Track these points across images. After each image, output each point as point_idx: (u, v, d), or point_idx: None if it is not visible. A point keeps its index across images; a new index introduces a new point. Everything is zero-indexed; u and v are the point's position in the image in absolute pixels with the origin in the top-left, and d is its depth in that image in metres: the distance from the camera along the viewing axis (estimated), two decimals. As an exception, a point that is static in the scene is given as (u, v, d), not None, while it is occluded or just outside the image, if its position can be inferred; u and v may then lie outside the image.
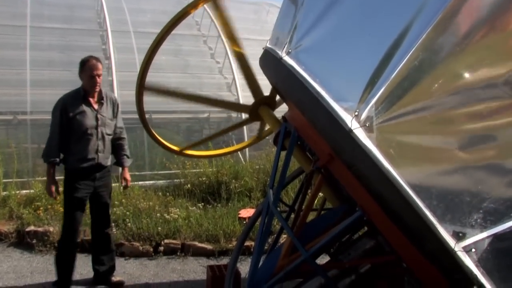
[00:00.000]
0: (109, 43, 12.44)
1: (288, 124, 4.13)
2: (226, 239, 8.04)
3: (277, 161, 4.24)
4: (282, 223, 3.96)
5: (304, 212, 3.83)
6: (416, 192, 2.81)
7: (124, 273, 6.92)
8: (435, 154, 2.93)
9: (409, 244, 2.97)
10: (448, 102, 2.86)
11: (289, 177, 5.34)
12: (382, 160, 2.88)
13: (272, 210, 3.92)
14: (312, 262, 3.51)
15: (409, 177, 2.85)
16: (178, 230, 8.03)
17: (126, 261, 7.43)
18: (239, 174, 10.56)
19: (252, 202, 9.68)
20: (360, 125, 3.01)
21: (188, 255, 7.70)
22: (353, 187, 3.20)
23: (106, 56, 12.25)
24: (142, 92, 5.01)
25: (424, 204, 2.80)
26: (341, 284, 3.77)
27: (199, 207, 9.22)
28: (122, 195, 9.43)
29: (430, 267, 2.94)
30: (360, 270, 3.78)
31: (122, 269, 7.05)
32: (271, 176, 4.29)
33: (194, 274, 7.03)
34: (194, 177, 10.49)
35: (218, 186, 10.15)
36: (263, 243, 4.12)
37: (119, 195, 9.41)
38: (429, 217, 2.78)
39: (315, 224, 4.09)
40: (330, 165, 3.41)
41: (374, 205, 3.03)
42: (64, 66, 11.50)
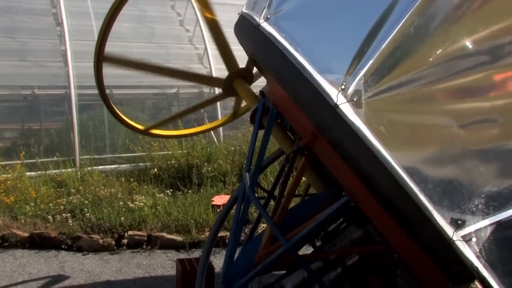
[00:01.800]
0: (61, 6, 12.08)
1: (267, 99, 4.09)
2: (198, 229, 8.03)
3: (254, 141, 4.21)
4: (260, 211, 3.94)
5: (285, 198, 3.82)
6: (410, 174, 2.80)
7: (82, 271, 6.86)
8: (431, 133, 2.92)
9: (402, 233, 2.97)
10: (447, 73, 2.84)
11: (268, 159, 5.33)
12: (372, 139, 2.86)
13: (249, 196, 3.90)
14: (293, 254, 3.49)
15: (402, 158, 2.83)
16: (143, 220, 7.99)
17: (84, 257, 7.37)
18: (212, 157, 10.54)
19: (227, 188, 9.67)
20: (347, 99, 2.97)
21: (155, 248, 7.67)
22: (340, 170, 3.18)
23: (57, 22, 11.96)
24: (101, 64, 4.92)
25: (419, 188, 2.79)
26: (326, 278, 3.77)
27: (168, 194, 9.18)
28: (79, 182, 9.33)
29: (425, 259, 2.95)
30: (347, 262, 3.78)
31: (80, 266, 7.00)
32: (247, 158, 4.26)
33: (162, 269, 7.01)
34: (161, 161, 10.43)
35: (188, 170, 10.12)
36: (239, 233, 4.10)
37: (76, 181, 9.31)
38: (425, 203, 2.78)
39: (297, 212, 4.08)
40: (313, 145, 3.39)
41: (363, 189, 3.02)
42: (5, 32, 11.24)
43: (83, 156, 10.35)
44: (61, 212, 8.08)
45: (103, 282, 6.56)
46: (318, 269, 3.81)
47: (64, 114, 10.88)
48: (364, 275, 3.81)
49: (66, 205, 8.36)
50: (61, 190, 9.06)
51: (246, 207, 4.07)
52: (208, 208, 8.45)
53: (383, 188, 2.90)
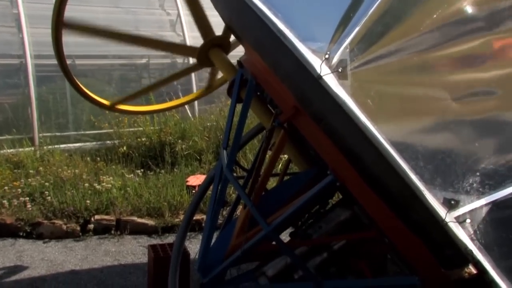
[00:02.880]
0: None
1: (245, 70, 4.08)
2: (172, 212, 8.04)
3: (232, 116, 4.19)
4: (239, 191, 3.95)
5: (265, 178, 3.83)
6: (399, 151, 2.81)
7: (43, 260, 6.81)
8: (423, 106, 2.93)
9: (392, 214, 3.00)
10: (442, 40, 2.85)
11: (247, 136, 5.32)
12: (358, 113, 2.86)
13: (226, 176, 3.90)
14: (275, 238, 3.52)
15: (390, 133, 2.84)
16: (111, 204, 7.97)
17: (45, 245, 7.32)
18: (186, 133, 10.52)
19: (203, 167, 9.67)
20: (331, 70, 2.97)
21: (125, 233, 7.67)
22: (323, 146, 3.19)
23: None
24: (61, 30, 4.85)
25: (409, 165, 2.81)
26: (311, 263, 3.81)
27: (138, 174, 9.16)
28: (39, 162, 9.24)
29: (416, 242, 2.99)
30: (334, 247, 3.83)
31: (40, 255, 6.95)
32: (225, 134, 4.26)
33: (132, 256, 7.02)
34: (131, 138, 10.38)
35: (161, 148, 10.08)
36: (216, 216, 4.11)
37: (35, 162, 9.22)
38: (415, 182, 2.80)
39: (278, 192, 4.10)
40: (295, 120, 3.39)
41: (348, 167, 3.03)
42: None
43: (43, 133, 10.21)
44: (19, 196, 7.99)
45: (66, 272, 6.54)
46: (302, 254, 3.85)
47: (20, 87, 10.67)
48: (351, 260, 3.86)
49: (24, 188, 8.27)
50: (18, 171, 8.95)
51: (224, 188, 4.08)
52: (183, 189, 8.46)
53: (370, 166, 2.92)
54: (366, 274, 3.73)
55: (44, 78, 7.40)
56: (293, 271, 3.83)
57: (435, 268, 3.06)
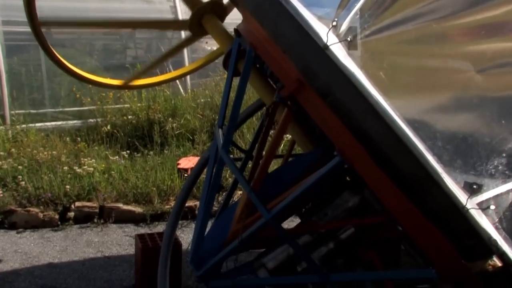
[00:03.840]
0: None
1: (243, 40, 4.06)
2: (161, 198, 8.06)
3: (228, 91, 4.19)
4: (236, 174, 3.95)
5: (265, 160, 3.82)
6: (415, 129, 2.81)
7: (17, 252, 6.81)
8: (441, 79, 2.93)
9: (406, 200, 3.00)
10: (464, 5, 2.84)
11: (245, 113, 5.31)
12: (369, 87, 2.85)
13: (222, 157, 3.90)
14: (276, 226, 3.53)
15: (405, 109, 2.84)
16: (94, 189, 7.98)
17: (19, 235, 7.33)
18: (177, 111, 10.50)
19: (196, 148, 9.68)
20: (339, 39, 2.96)
21: (109, 222, 7.70)
22: (330, 124, 3.18)
23: None
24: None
25: (426, 145, 2.81)
26: (316, 254, 3.82)
27: (124, 156, 9.16)
28: (11, 143, 9.21)
29: (433, 231, 2.99)
30: (341, 236, 3.83)
31: (13, 247, 6.95)
32: (220, 111, 4.25)
33: (118, 247, 7.05)
34: (116, 115, 10.37)
35: (149, 127, 10.08)
36: (211, 203, 4.12)
37: (6, 142, 9.18)
38: (432, 164, 2.80)
39: (280, 176, 4.10)
40: (298, 95, 3.38)
41: (358, 148, 3.03)
42: None
43: (15, 110, 10.12)
44: (-13, 181, 8.02)
45: (43, 265, 6.55)
46: (306, 244, 3.86)
47: (-13, 57, 10.61)
48: (360, 251, 3.87)
49: None
50: (-14, 153, 8.95)
51: (219, 171, 4.08)
52: (173, 172, 8.47)
53: (382, 145, 2.92)
54: (376, 266, 3.74)
55: (15, 47, 7.31)
56: (296, 263, 3.84)
57: (454, 260, 3.06)
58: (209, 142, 9.65)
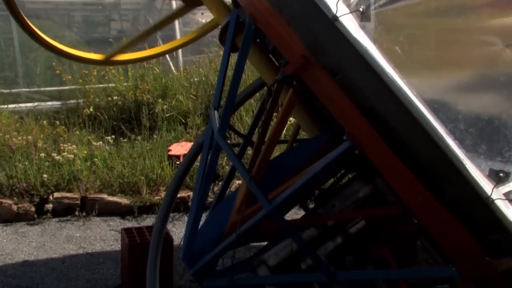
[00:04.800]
0: None
1: (241, 11, 4.05)
2: (151, 188, 8.06)
3: (225, 69, 4.18)
4: (234, 161, 3.94)
5: (266, 145, 3.82)
6: (434, 111, 2.81)
7: (-12, 249, 6.85)
8: (466, 54, 2.92)
9: (423, 189, 3.00)
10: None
11: (244, 93, 5.31)
12: (383, 64, 2.84)
13: (218, 143, 3.90)
14: (278, 219, 3.53)
15: (423, 88, 2.83)
16: (75, 178, 7.97)
17: (-10, 230, 7.36)
18: (168, 91, 10.49)
19: (189, 133, 9.68)
20: (350, 9, 2.95)
21: (92, 214, 7.71)
22: (339, 105, 3.17)
23: None
24: None
25: (446, 129, 2.81)
26: (322, 250, 3.83)
27: (108, 141, 9.15)
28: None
29: (454, 224, 2.99)
30: (350, 230, 3.84)
31: (-16, 243, 6.99)
32: (216, 92, 4.24)
33: (102, 242, 7.07)
34: (99, 96, 10.36)
35: (137, 109, 10.08)
36: (206, 193, 4.12)
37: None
38: (453, 149, 2.79)
39: (283, 163, 4.11)
40: (304, 73, 3.37)
41: (370, 131, 3.02)
42: None
43: (-16, 90, 10.16)
44: (-46, 170, 8.01)
45: (18, 263, 6.54)
46: (311, 238, 3.86)
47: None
48: (372, 247, 3.88)
49: None
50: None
51: (215, 158, 4.08)
52: (164, 160, 8.47)
53: (397, 129, 2.91)
54: (390, 264, 3.75)
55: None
56: (300, 260, 3.85)
57: (477, 257, 3.06)
58: (203, 126, 9.65)
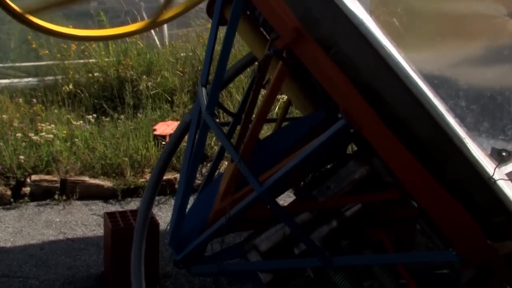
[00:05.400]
0: None
1: (229, -20, 4.04)
2: (135, 170, 8.08)
3: (212, 43, 4.17)
4: (223, 142, 3.94)
5: (255, 123, 3.82)
6: (434, 86, 2.81)
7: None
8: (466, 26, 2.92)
9: (422, 170, 3.01)
10: None
11: (233, 70, 5.29)
12: (380, 37, 2.85)
13: (206, 122, 3.89)
14: (270, 202, 3.54)
15: (422, 63, 2.84)
16: (54, 159, 7.97)
17: (-37, 215, 7.34)
18: (153, 67, 10.47)
19: (175, 111, 9.67)
20: (345, -21, 2.94)
21: (73, 198, 7.71)
22: (333, 81, 3.17)
23: None
24: None
25: (446, 105, 2.81)
26: (316, 234, 3.84)
27: (89, 120, 9.14)
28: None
29: (454, 206, 3.00)
30: (345, 213, 3.85)
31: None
32: (203, 67, 4.24)
33: (83, 228, 7.07)
34: (79, 72, 10.32)
35: (119, 86, 10.06)
36: (193, 175, 4.12)
37: None
38: (454, 127, 2.80)
39: (274, 143, 4.12)
40: (296, 47, 3.36)
41: (366, 109, 3.02)
42: None
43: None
44: None
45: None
46: (305, 222, 3.87)
47: None
48: (369, 231, 3.90)
49: None
50: None
51: (203, 138, 4.08)
52: (149, 140, 8.47)
53: (395, 106, 2.91)
54: (387, 249, 3.77)
55: None
56: (293, 245, 3.86)
57: (478, 240, 3.08)
58: (190, 104, 9.62)
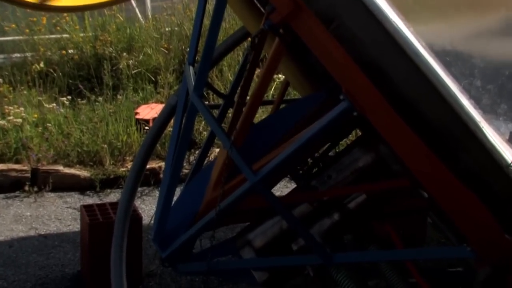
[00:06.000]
0: None
1: None
2: (115, 158, 8.10)
3: (201, 16, 4.17)
4: (213, 126, 3.95)
5: (250, 106, 3.83)
6: (446, 65, 2.83)
7: None
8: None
9: (434, 157, 3.03)
10: None
11: (224, 46, 5.30)
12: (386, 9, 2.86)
13: (194, 104, 3.91)
14: (265, 192, 3.56)
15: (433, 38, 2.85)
16: (24, 147, 7.98)
17: None
18: (135, 43, 10.47)
19: (160, 92, 9.69)
20: None
21: (46, 189, 7.72)
22: (334, 59, 3.18)
23: None
24: None
25: (460, 86, 2.83)
26: (317, 228, 3.87)
27: (64, 103, 9.14)
28: None
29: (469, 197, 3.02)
30: (349, 205, 3.87)
31: None
32: (191, 44, 4.25)
33: (57, 223, 7.09)
34: (52, 49, 10.32)
35: (97, 64, 10.06)
36: (180, 164, 4.14)
37: None
38: (468, 110, 2.82)
39: (270, 127, 4.13)
40: (294, 21, 3.37)
41: (371, 89, 3.03)
42: None
43: None
44: None
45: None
46: (304, 215, 3.89)
47: None
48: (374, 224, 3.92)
49: None
50: None
51: (191, 122, 4.10)
52: (131, 124, 8.49)
53: (402, 86, 2.93)
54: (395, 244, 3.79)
55: None
56: (290, 240, 3.89)
57: (495, 234, 3.10)
58: (176, 84, 9.63)
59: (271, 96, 8.05)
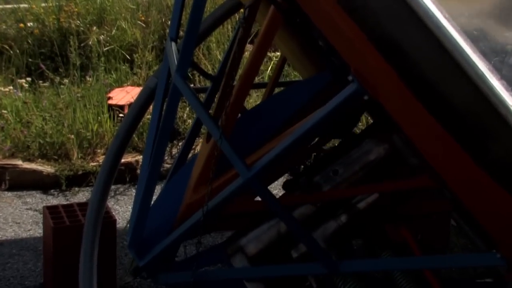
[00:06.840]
0: None
1: None
2: (84, 151, 8.12)
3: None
4: (199, 112, 3.95)
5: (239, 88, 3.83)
6: (473, 40, 2.83)
7: None
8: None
9: (458, 148, 3.03)
10: None
11: (211, 19, 5.30)
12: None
13: (177, 87, 3.90)
14: (260, 190, 3.57)
15: (458, 9, 2.86)
16: (-22, 137, 8.01)
17: None
18: (106, 15, 10.49)
19: (136, 73, 9.71)
20: None
21: (2, 188, 7.75)
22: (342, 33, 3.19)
23: None
24: None
25: (490, 65, 2.83)
26: (321, 232, 3.87)
27: (22, 86, 9.18)
28: None
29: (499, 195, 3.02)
30: (358, 205, 3.88)
31: None
32: (172, 17, 4.25)
33: (15, 227, 7.10)
34: (7, 22, 10.37)
35: (62, 40, 10.08)
36: (160, 157, 4.14)
37: None
38: (499, 92, 2.82)
39: (265, 114, 4.14)
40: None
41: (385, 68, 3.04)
42: None
43: None
44: None
45: None
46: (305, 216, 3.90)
47: None
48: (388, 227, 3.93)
49: None
50: None
51: (173, 108, 4.09)
52: (103, 111, 8.50)
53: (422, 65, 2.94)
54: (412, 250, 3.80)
55: None
56: (289, 246, 3.89)
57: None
58: (156, 64, 9.65)
59: (267, 78, 8.05)
